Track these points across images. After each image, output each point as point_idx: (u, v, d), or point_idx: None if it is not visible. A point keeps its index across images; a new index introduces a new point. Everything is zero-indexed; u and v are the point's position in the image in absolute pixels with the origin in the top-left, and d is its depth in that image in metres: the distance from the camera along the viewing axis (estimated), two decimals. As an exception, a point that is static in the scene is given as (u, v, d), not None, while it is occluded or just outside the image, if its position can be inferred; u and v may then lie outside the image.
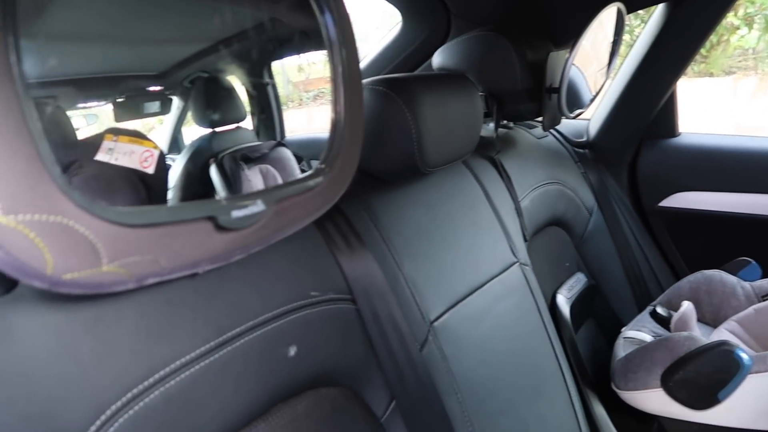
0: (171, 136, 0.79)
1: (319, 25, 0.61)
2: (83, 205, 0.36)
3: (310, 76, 0.66)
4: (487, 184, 1.07)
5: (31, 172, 0.33)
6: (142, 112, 0.73)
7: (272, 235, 0.55)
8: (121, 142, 0.63)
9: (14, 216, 0.32)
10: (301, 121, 0.94)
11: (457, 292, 0.88)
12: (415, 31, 1.43)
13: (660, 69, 1.39)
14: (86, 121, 0.65)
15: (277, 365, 0.61)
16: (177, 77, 0.75)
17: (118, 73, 0.69)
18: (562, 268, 1.35)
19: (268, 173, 0.81)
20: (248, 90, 0.86)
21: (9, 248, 0.33)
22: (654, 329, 1.20)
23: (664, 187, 1.51)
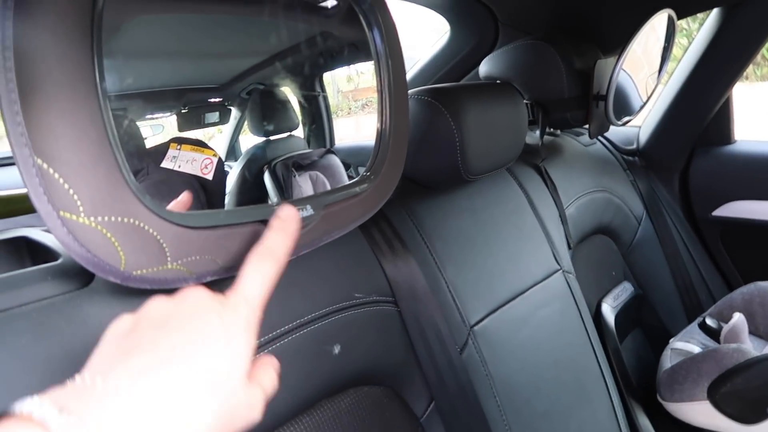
0: (229, 144, 0.84)
1: (367, 38, 0.64)
2: (152, 209, 0.41)
3: (359, 85, 0.69)
4: (531, 191, 1.08)
5: (110, 179, 0.38)
6: (203, 122, 0.78)
7: (321, 238, 0.59)
8: (184, 150, 0.68)
9: (94, 218, 0.37)
10: (349, 130, 0.97)
11: (498, 297, 0.89)
12: (464, 39, 1.45)
13: (715, 74, 1.36)
14: (152, 131, 0.71)
15: (322, 363, 0.64)
16: (235, 89, 0.80)
17: (182, 86, 0.74)
18: (608, 276, 1.34)
19: (318, 179, 0.85)
20: (300, 100, 0.91)
21: (89, 246, 0.37)
22: (703, 341, 1.18)
23: (717, 196, 1.48)
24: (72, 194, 0.36)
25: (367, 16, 0.63)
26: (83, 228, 0.37)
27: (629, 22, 1.09)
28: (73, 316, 0.47)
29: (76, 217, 0.36)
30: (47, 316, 0.46)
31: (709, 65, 1.35)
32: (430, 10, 1.39)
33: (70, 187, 0.36)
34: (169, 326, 0.33)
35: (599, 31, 1.28)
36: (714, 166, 1.48)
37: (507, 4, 1.28)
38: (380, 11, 0.62)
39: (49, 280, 0.48)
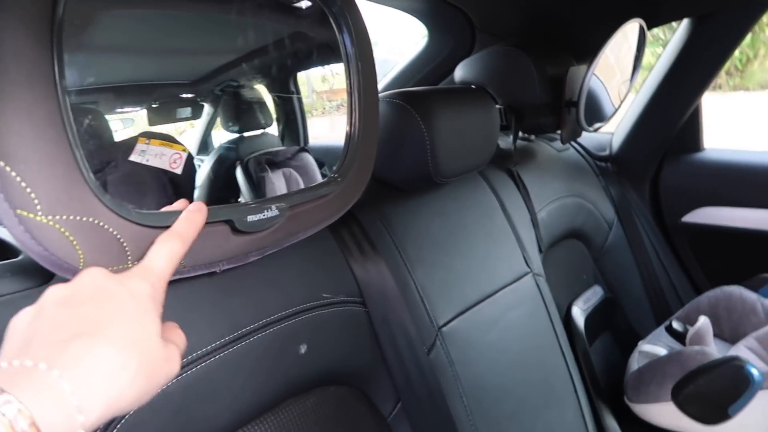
0: (201, 138, 0.84)
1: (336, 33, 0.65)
2: (112, 208, 0.41)
3: (334, 86, 0.70)
4: (503, 195, 1.09)
5: (68, 178, 0.38)
6: (175, 117, 0.78)
7: (286, 239, 0.60)
8: (152, 145, 0.69)
9: (52, 216, 0.37)
10: (323, 129, 0.98)
11: (467, 299, 0.90)
12: (441, 44, 1.46)
13: (684, 84, 1.39)
14: (123, 125, 0.71)
15: (288, 362, 0.65)
16: (209, 86, 0.80)
17: (153, 82, 0.75)
18: (578, 280, 1.36)
19: (291, 176, 0.85)
20: (275, 99, 0.91)
21: (46, 244, 0.38)
22: (670, 344, 1.20)
23: (686, 202, 1.51)
24: (29, 192, 0.36)
25: (337, 18, 0.64)
26: (41, 226, 0.37)
27: (601, 31, 1.11)
28: None
29: (33, 216, 0.36)
30: (5, 314, 0.45)
31: (679, 74, 1.38)
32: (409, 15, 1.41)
33: (27, 185, 0.36)
34: (74, 303, 0.34)
35: (572, 38, 1.30)
36: (684, 172, 1.52)
37: (483, 11, 1.30)
38: (351, 14, 0.63)
39: (8, 277, 0.48)
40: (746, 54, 3.61)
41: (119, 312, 0.34)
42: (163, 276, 0.40)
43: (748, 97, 3.80)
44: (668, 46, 1.39)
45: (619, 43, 1.12)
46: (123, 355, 0.32)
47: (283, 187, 0.84)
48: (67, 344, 0.31)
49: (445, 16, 1.36)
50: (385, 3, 1.31)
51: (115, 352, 0.32)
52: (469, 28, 1.38)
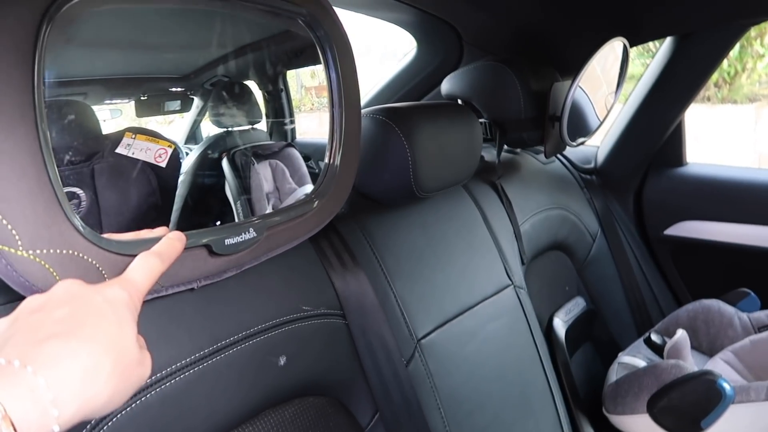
0: (190, 129, 0.86)
1: (321, 60, 0.66)
2: (91, 239, 0.43)
3: (323, 82, 0.71)
4: (486, 207, 1.11)
5: (49, 213, 0.40)
6: (163, 109, 0.80)
7: (263, 255, 0.61)
8: (138, 139, 0.71)
9: (33, 251, 0.39)
10: (311, 125, 1.00)
11: (447, 312, 0.92)
12: (429, 57, 1.48)
13: (668, 99, 1.42)
14: (111, 115, 0.73)
15: (266, 373, 0.66)
16: (199, 80, 0.81)
17: (143, 75, 0.76)
18: (561, 291, 1.38)
19: (277, 167, 0.87)
20: (264, 95, 0.93)
21: (27, 276, 0.40)
22: (649, 356, 1.22)
23: (669, 215, 1.53)
24: (10, 229, 0.38)
25: (322, 43, 0.65)
26: (22, 260, 0.39)
27: (585, 48, 1.13)
28: None
29: (14, 251, 0.38)
30: None
31: (663, 90, 1.40)
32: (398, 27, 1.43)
33: (8, 222, 0.38)
34: (50, 308, 0.34)
35: (557, 54, 1.32)
36: (667, 186, 1.54)
37: (471, 25, 1.32)
38: (336, 40, 0.65)
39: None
40: (734, 66, 3.66)
41: (94, 315, 0.35)
42: (140, 288, 0.41)
43: (736, 110, 3.84)
44: (652, 61, 1.41)
45: (605, 54, 1.14)
46: (98, 354, 0.33)
47: (269, 176, 0.85)
48: (41, 343, 0.31)
49: (433, 28, 1.38)
50: (374, 15, 1.33)
51: (90, 351, 0.32)
52: (457, 41, 1.40)
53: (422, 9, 1.23)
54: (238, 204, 0.81)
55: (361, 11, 1.28)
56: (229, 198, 0.81)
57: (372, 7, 1.27)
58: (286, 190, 0.88)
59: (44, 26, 0.39)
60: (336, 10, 0.66)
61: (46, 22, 0.39)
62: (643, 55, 3.07)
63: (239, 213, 0.80)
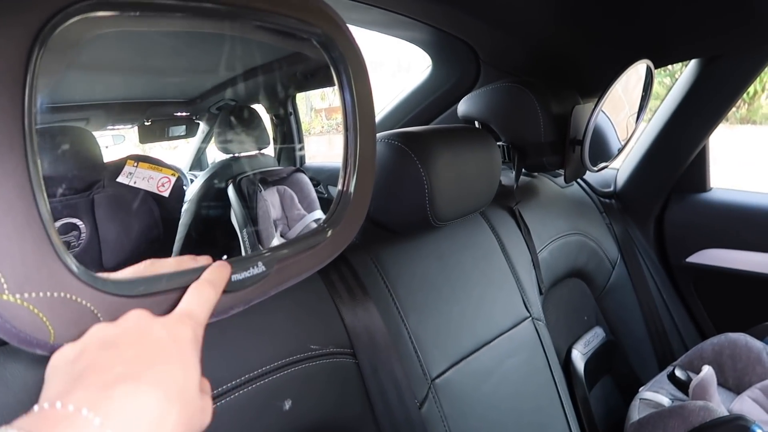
0: (195, 156, 0.83)
1: (335, 82, 0.63)
2: (85, 280, 0.38)
3: (333, 103, 0.68)
4: (503, 235, 1.06)
5: (38, 253, 0.36)
6: (167, 135, 0.77)
7: (272, 290, 0.56)
8: (141, 168, 0.68)
9: (20, 295, 0.35)
10: (321, 148, 0.96)
11: (462, 348, 0.87)
12: (445, 75, 1.45)
13: (692, 123, 1.37)
14: (113, 141, 0.70)
15: (271, 419, 0.62)
16: (204, 104, 0.78)
17: (147, 100, 0.73)
18: (579, 321, 1.32)
19: (285, 193, 0.84)
20: (272, 118, 0.89)
21: (14, 323, 0.35)
22: (672, 392, 1.16)
23: (692, 243, 1.48)
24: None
25: (337, 65, 0.61)
26: (8, 305, 0.35)
27: (608, 70, 1.09)
28: None
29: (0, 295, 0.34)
30: None
31: (686, 113, 1.36)
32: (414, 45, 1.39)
33: None
34: (119, 345, 0.34)
35: (579, 75, 1.28)
36: (689, 212, 1.49)
37: (489, 44, 1.28)
38: (350, 58, 0.60)
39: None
40: (753, 86, 3.60)
41: (163, 356, 0.34)
42: (201, 321, 0.40)
43: (756, 130, 3.77)
44: (676, 83, 1.37)
45: (627, 75, 1.10)
46: (166, 402, 0.32)
47: (276, 203, 0.82)
48: (110, 388, 0.30)
49: (450, 48, 1.34)
50: (389, 33, 1.30)
51: (158, 399, 0.31)
52: (474, 61, 1.36)
53: (439, 27, 1.19)
54: (244, 232, 0.78)
55: (376, 29, 1.24)
56: (235, 227, 0.77)
57: (387, 26, 1.24)
58: (294, 216, 0.85)
59: (36, 50, 0.36)
60: (350, 29, 0.62)
61: (38, 45, 0.36)
62: (660, 74, 3.01)
63: (245, 242, 0.76)
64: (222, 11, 0.49)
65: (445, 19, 1.16)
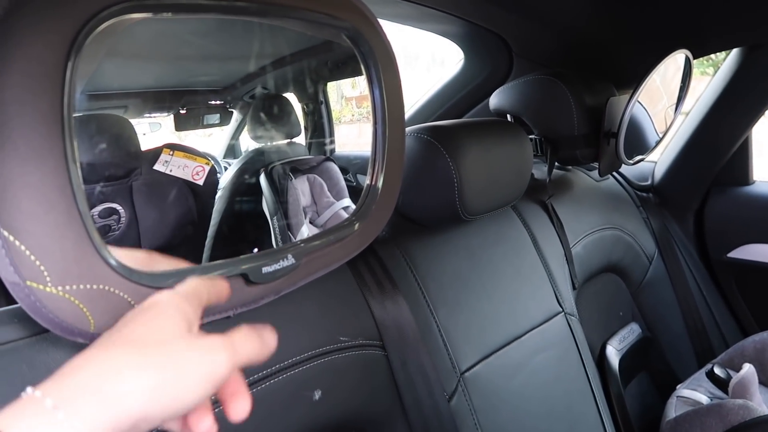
0: (228, 143, 0.85)
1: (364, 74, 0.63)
2: (122, 273, 0.40)
3: (364, 91, 0.68)
4: (535, 229, 1.05)
5: (78, 248, 0.38)
6: (202, 123, 0.79)
7: (300, 281, 0.57)
8: (176, 156, 0.70)
9: (62, 287, 0.37)
10: (351, 135, 0.97)
11: (492, 342, 0.87)
12: (477, 69, 1.44)
13: (734, 113, 1.33)
14: (150, 129, 0.72)
15: (301, 408, 0.63)
16: (238, 92, 0.80)
17: (182, 88, 0.75)
18: (614, 317, 1.30)
19: (315, 181, 0.85)
20: (303, 107, 0.90)
21: (57, 313, 0.37)
22: (711, 390, 1.13)
23: (733, 237, 1.43)
24: (38, 265, 0.36)
25: (365, 57, 0.62)
26: (50, 297, 0.37)
27: (645, 60, 1.07)
28: (36, 360, 0.46)
29: (43, 287, 0.36)
30: (9, 361, 0.45)
31: (727, 104, 1.31)
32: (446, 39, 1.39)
33: (36, 258, 0.36)
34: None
35: (614, 66, 1.26)
36: (730, 206, 1.44)
37: (521, 36, 1.27)
38: (379, 51, 0.61)
39: (15, 323, 0.47)
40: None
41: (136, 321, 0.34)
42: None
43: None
44: (717, 73, 1.33)
45: (665, 65, 1.07)
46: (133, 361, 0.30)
47: (306, 191, 0.83)
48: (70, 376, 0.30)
49: (482, 40, 1.33)
50: (421, 27, 1.30)
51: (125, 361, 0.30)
52: (506, 53, 1.35)
53: (470, 20, 1.18)
54: (274, 220, 0.79)
55: (408, 23, 1.24)
56: (266, 214, 0.78)
57: (419, 20, 1.24)
58: (323, 204, 0.86)
59: (72, 56, 0.37)
60: (382, 23, 0.62)
61: (74, 51, 0.37)
62: (703, 63, 2.92)
63: (276, 229, 0.78)
64: (252, 9, 0.50)
65: (477, 11, 1.15)
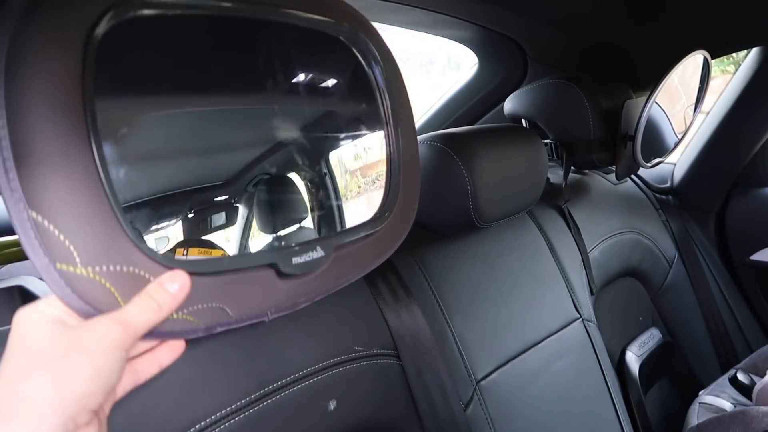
0: (240, 243, 0.84)
1: (372, 108, 0.63)
2: (153, 257, 0.39)
3: (367, 161, 0.68)
4: (552, 235, 1.04)
5: (107, 228, 0.36)
6: (210, 226, 0.77)
7: (334, 283, 0.56)
8: (191, 254, 0.69)
9: (92, 267, 0.36)
10: (361, 209, 0.96)
11: (508, 350, 0.86)
12: (491, 73, 1.43)
13: (754, 113, 1.30)
14: (156, 246, 0.70)
15: (316, 419, 0.63)
16: (242, 183, 0.79)
17: (186, 188, 0.73)
18: (634, 322, 1.28)
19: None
20: (307, 186, 0.90)
21: (89, 299, 0.36)
22: (735, 396, 1.11)
23: (756, 240, 1.40)
24: (68, 245, 0.35)
25: (365, 54, 0.61)
26: (81, 279, 0.35)
27: (661, 61, 1.05)
28: None
29: (73, 269, 0.35)
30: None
31: (749, 103, 1.29)
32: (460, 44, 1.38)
33: (65, 238, 0.35)
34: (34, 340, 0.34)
35: (630, 68, 1.24)
36: (753, 208, 1.41)
37: (535, 40, 1.26)
38: (379, 49, 0.60)
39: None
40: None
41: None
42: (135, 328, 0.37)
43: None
44: (737, 72, 1.30)
45: (683, 65, 1.05)
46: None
47: None
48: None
49: (496, 45, 1.32)
50: (434, 33, 1.30)
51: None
52: (520, 58, 1.34)
53: (484, 25, 1.17)
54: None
55: (421, 30, 1.24)
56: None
57: (432, 26, 1.23)
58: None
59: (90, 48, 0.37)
60: (395, 30, 0.62)
61: (91, 44, 0.37)
62: (723, 62, 2.87)
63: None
64: (248, 10, 0.49)
65: (490, 16, 1.14)
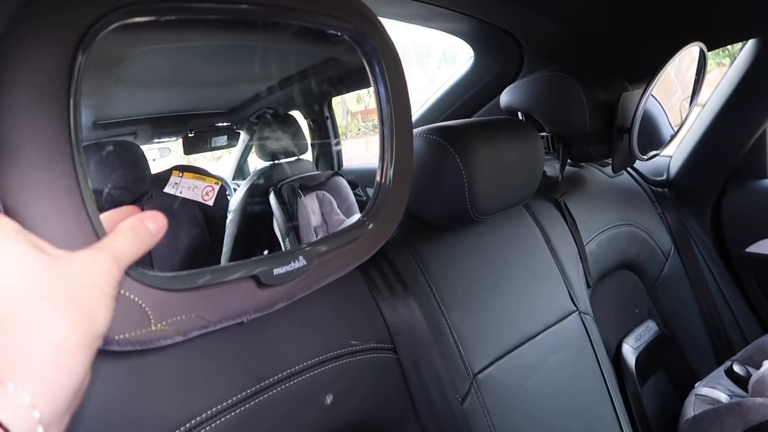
0: (237, 164, 0.85)
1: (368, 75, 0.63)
2: (133, 276, 0.40)
3: (369, 105, 0.68)
4: (548, 228, 1.04)
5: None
6: (210, 145, 0.79)
7: (314, 285, 0.57)
8: (186, 178, 0.70)
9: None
10: (358, 151, 0.96)
11: (505, 343, 0.86)
12: (487, 66, 1.42)
13: (750, 106, 1.30)
14: (160, 154, 0.72)
15: (312, 413, 0.63)
16: (244, 113, 0.80)
17: (190, 112, 0.75)
18: (630, 315, 1.29)
19: (324, 198, 0.85)
20: (309, 124, 0.90)
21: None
22: (731, 388, 1.11)
23: (752, 232, 1.40)
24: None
25: (369, 57, 0.61)
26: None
27: (658, 54, 1.05)
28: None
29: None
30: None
31: (745, 95, 1.29)
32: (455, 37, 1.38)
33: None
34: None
35: (626, 60, 1.24)
36: (749, 200, 1.41)
37: (531, 33, 1.25)
38: (382, 50, 0.60)
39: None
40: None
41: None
42: (123, 261, 0.36)
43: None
44: (733, 64, 1.30)
45: (679, 57, 1.05)
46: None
47: (316, 209, 0.83)
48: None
49: (492, 38, 1.32)
50: (430, 26, 1.29)
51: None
52: (516, 50, 1.34)
53: (479, 18, 1.17)
54: (286, 241, 0.79)
55: (417, 23, 1.24)
56: (277, 235, 0.79)
57: (428, 19, 1.23)
58: (334, 222, 0.86)
59: (80, 56, 0.37)
60: (391, 23, 0.61)
61: (81, 50, 0.37)
62: (719, 54, 2.87)
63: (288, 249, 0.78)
64: (255, 12, 0.49)
65: (486, 8, 1.14)
